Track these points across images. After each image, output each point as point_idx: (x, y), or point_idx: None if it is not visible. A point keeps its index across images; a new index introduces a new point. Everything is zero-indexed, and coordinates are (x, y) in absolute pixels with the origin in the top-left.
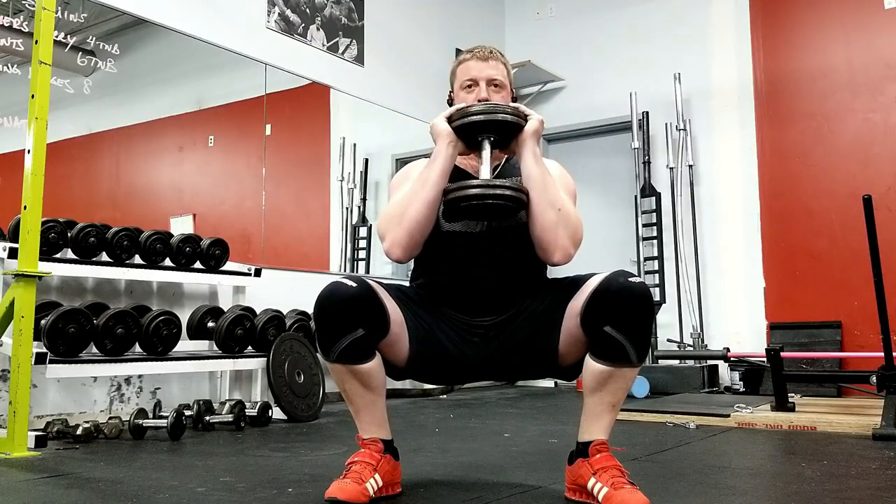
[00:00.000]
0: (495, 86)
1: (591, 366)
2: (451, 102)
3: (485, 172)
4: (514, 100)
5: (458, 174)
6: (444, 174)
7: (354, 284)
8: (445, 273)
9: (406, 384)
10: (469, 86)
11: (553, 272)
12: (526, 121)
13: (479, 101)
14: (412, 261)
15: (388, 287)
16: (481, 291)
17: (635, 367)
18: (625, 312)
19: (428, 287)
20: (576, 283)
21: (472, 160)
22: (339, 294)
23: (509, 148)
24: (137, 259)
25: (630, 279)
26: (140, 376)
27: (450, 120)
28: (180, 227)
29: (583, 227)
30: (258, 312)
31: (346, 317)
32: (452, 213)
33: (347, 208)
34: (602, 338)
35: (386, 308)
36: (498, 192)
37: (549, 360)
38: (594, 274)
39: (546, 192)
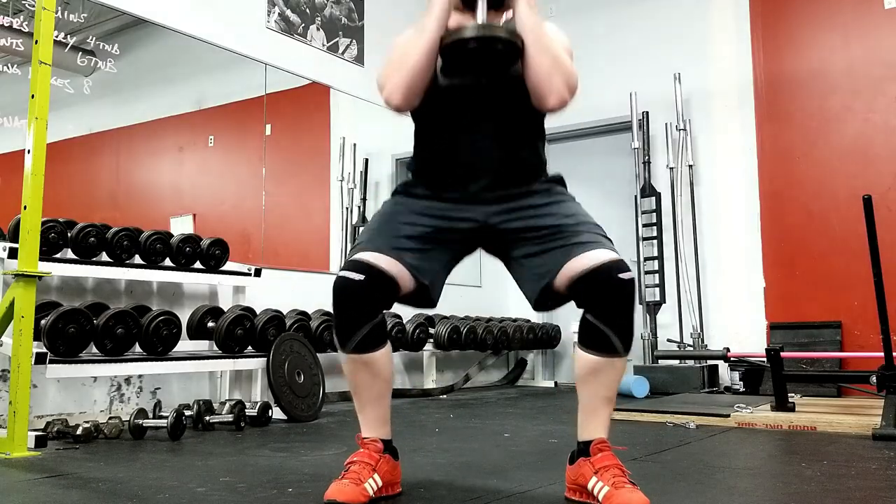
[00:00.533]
0: None
1: (581, 356)
2: None
3: (480, 18)
4: None
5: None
6: (441, 21)
7: (362, 277)
8: (443, 136)
9: (406, 384)
10: None
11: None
12: None
13: None
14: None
15: (386, 236)
16: (480, 154)
17: (623, 358)
18: (607, 306)
19: (425, 166)
20: (574, 243)
21: (468, 20)
22: (349, 290)
23: (504, 6)
24: (137, 259)
25: (620, 275)
26: (140, 376)
27: None
28: (180, 227)
29: (577, 79)
30: (258, 312)
31: (361, 310)
32: (449, 62)
33: (347, 208)
34: (587, 326)
35: (395, 281)
36: (494, 33)
37: (539, 280)
38: (590, 239)
39: (540, 39)
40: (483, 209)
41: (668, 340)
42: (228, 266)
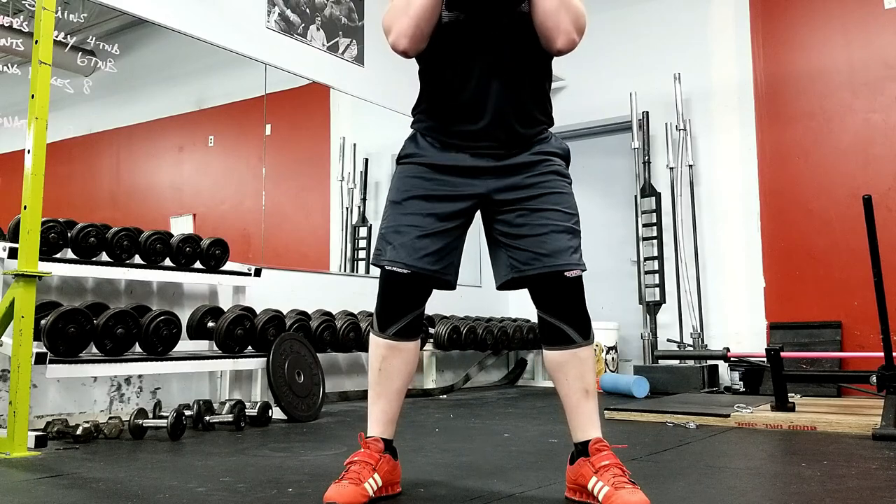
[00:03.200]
0: None
1: (547, 355)
2: None
3: None
4: None
5: None
6: None
7: (408, 271)
8: (450, 74)
9: None
10: None
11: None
12: None
13: None
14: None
15: (407, 235)
16: (487, 89)
17: (585, 346)
18: (553, 303)
19: (432, 108)
20: (549, 236)
21: None
22: (398, 280)
23: None
24: (137, 259)
25: (566, 273)
26: (140, 376)
27: None
28: (180, 227)
29: (585, 18)
30: (258, 312)
31: (408, 299)
32: (456, 1)
33: (347, 208)
34: (543, 324)
35: (433, 274)
36: None
37: (507, 272)
38: (562, 239)
39: None
40: (487, 182)
41: (668, 340)
42: (228, 266)
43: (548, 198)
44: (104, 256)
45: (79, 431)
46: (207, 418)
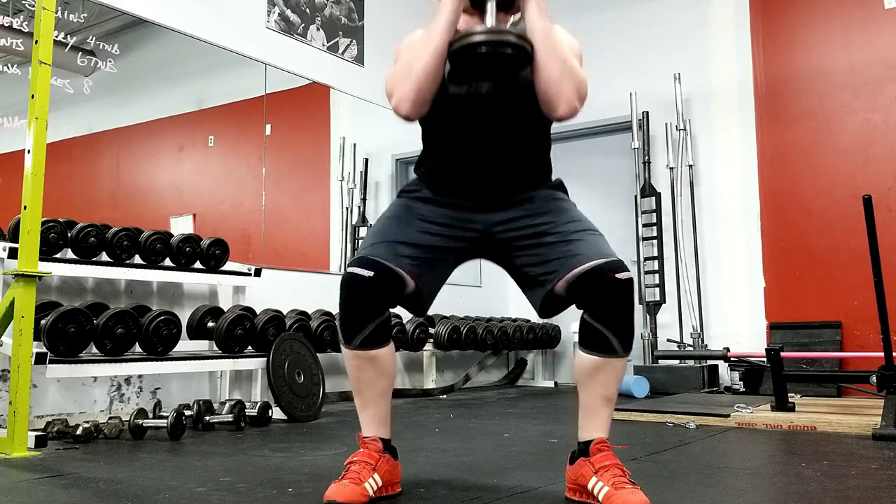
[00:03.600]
0: None
1: (581, 357)
2: None
3: (489, 23)
4: None
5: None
6: (449, 25)
7: (371, 273)
8: (451, 140)
9: (406, 384)
10: None
11: (559, 172)
12: None
13: None
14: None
15: (391, 239)
16: (487, 159)
17: (623, 358)
18: (606, 307)
19: (432, 171)
20: (573, 239)
21: (476, 23)
22: (358, 286)
23: (514, 9)
24: (137, 259)
25: (616, 275)
26: (140, 376)
27: None
28: (180, 227)
29: (587, 85)
30: (258, 312)
31: (369, 306)
32: (458, 67)
33: (347, 208)
34: (586, 327)
35: (403, 278)
36: (503, 38)
37: (542, 287)
38: (591, 239)
39: (550, 44)
40: (486, 217)
41: (668, 340)
42: (228, 266)
43: (560, 215)
44: (104, 256)
45: (79, 431)
46: (207, 418)
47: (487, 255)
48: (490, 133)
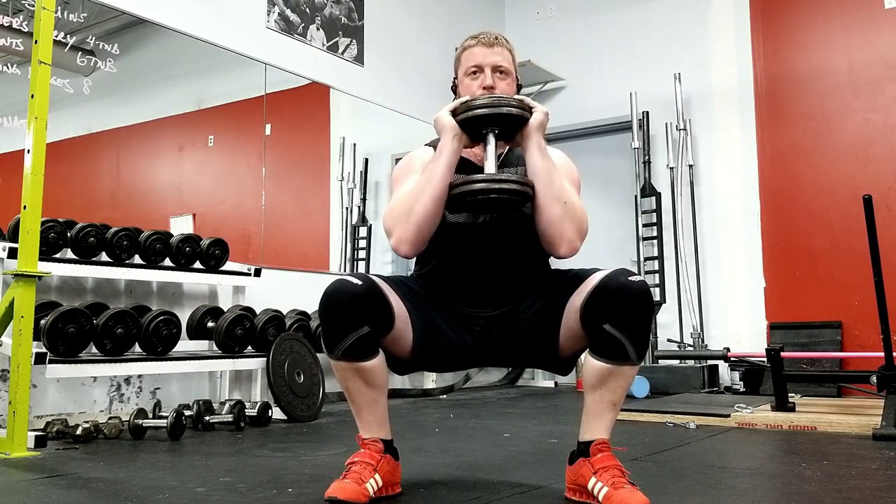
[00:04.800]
0: (500, 72)
1: (592, 363)
2: (454, 89)
3: (489, 167)
4: (519, 87)
5: (463, 165)
6: (450, 168)
7: (360, 282)
8: (448, 264)
9: (406, 384)
10: (474, 72)
11: (557, 263)
12: (531, 113)
13: (484, 88)
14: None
15: (391, 281)
16: (484, 284)
17: (635, 366)
18: (624, 311)
19: (430, 279)
20: (578, 277)
21: (478, 150)
22: (344, 291)
23: (514, 140)
24: (137, 259)
25: (630, 278)
26: (140, 376)
27: (454, 113)
28: (180, 227)
29: (588, 219)
30: (258, 312)
31: (352, 314)
32: (457, 206)
33: (347, 208)
34: (602, 335)
35: (391, 304)
36: (503, 186)
37: (548, 351)
38: (597, 270)
39: (552, 186)
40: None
41: (669, 340)
42: (228, 266)
43: (552, 279)
44: (104, 256)
45: (78, 431)
46: (207, 418)
47: (493, 360)
48: (488, 260)
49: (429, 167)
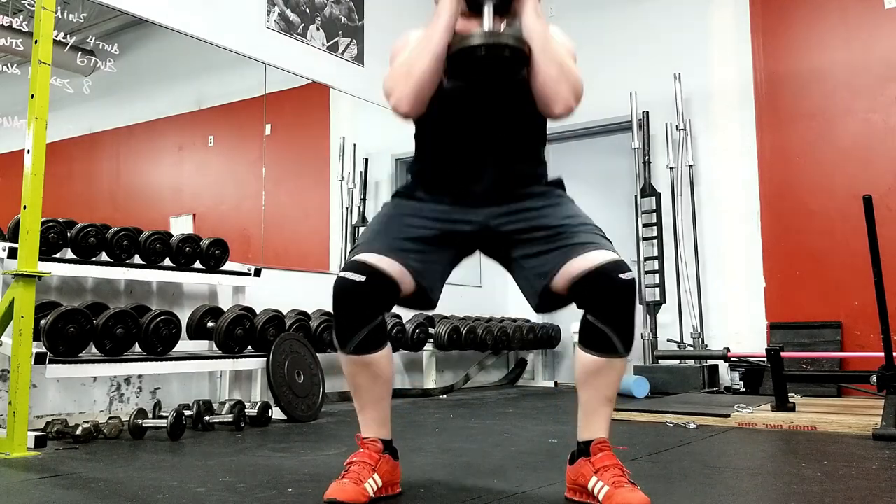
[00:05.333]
0: None
1: (582, 357)
2: None
3: (486, 27)
4: None
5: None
6: (448, 29)
7: (363, 278)
8: (446, 139)
9: (406, 384)
10: None
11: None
12: None
13: None
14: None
15: (386, 234)
16: (483, 156)
17: (623, 358)
18: (608, 307)
19: (426, 170)
20: (573, 233)
21: (474, 25)
22: (349, 291)
23: (510, 12)
24: (137, 259)
25: (620, 275)
26: (140, 376)
27: None
28: (180, 227)
29: (583, 85)
30: (258, 312)
31: (361, 312)
32: (456, 68)
33: (347, 208)
34: (588, 327)
35: (395, 281)
36: (501, 40)
37: (538, 280)
38: (591, 243)
39: (547, 47)
40: (483, 211)
41: (669, 340)
42: (228, 266)
43: (559, 209)
44: (104, 256)
45: (78, 431)
46: (207, 418)
47: (485, 250)
48: (485, 128)
49: (427, 29)
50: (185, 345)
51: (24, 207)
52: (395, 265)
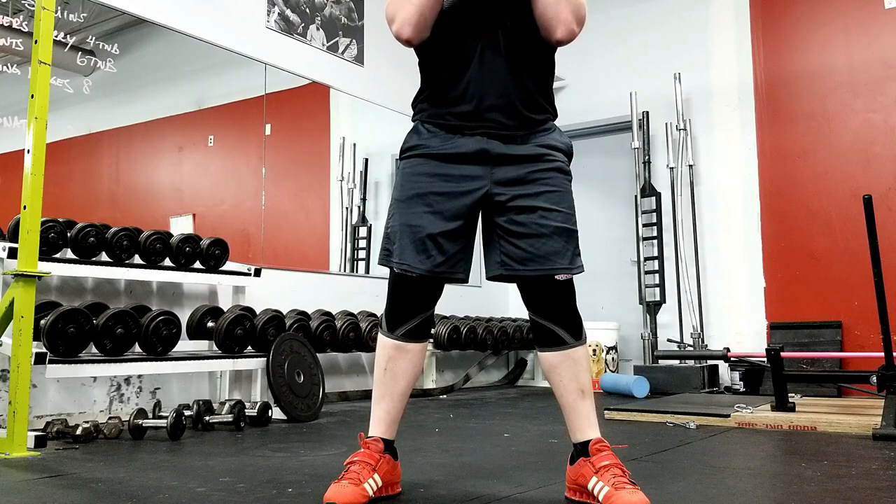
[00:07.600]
0: None
1: (541, 356)
2: None
3: None
4: None
5: None
6: None
7: (416, 274)
8: (451, 63)
9: None
10: None
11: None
12: None
13: None
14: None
15: (420, 231)
16: (489, 77)
17: (579, 347)
18: (545, 305)
19: (432, 99)
20: (546, 238)
21: None
22: (411, 279)
23: None
24: (137, 259)
25: (556, 276)
26: (140, 376)
27: None
28: (180, 226)
29: (585, 9)
30: (258, 312)
31: (419, 300)
32: None
33: (347, 208)
34: (535, 326)
35: (444, 276)
36: None
37: (499, 267)
38: (563, 242)
39: None
40: (491, 173)
41: (669, 340)
42: (228, 266)
43: (549, 196)
44: (104, 256)
45: (78, 431)
46: (207, 418)
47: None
48: (491, 50)
49: None
50: (185, 345)
51: (24, 207)
52: (440, 263)
